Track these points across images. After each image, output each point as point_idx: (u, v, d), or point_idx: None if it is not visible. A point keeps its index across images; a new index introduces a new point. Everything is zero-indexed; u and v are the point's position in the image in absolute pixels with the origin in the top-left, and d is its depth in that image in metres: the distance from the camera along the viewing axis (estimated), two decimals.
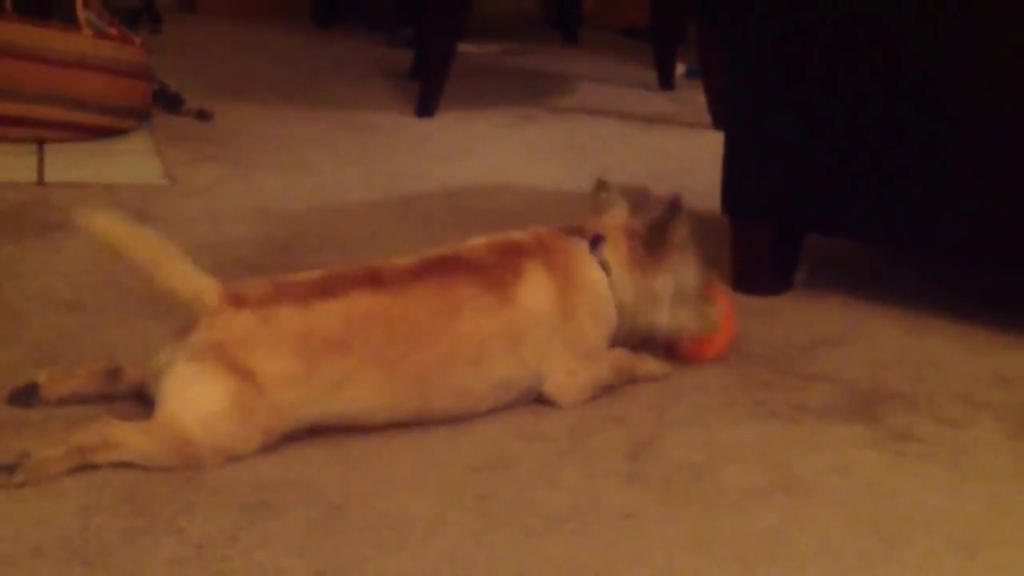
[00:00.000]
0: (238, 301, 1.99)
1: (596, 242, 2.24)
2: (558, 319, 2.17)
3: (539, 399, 2.19)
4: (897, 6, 2.52)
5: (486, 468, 2.01)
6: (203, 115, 3.94)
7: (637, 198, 2.35)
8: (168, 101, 3.96)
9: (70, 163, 3.43)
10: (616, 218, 2.30)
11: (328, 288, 2.04)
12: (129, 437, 1.91)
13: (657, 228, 2.23)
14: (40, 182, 3.26)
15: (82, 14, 3.57)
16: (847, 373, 2.40)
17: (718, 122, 4.13)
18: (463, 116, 4.23)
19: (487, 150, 3.92)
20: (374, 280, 2.08)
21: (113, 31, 3.68)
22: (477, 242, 2.21)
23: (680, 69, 5.00)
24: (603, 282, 2.23)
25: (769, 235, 2.79)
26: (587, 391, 2.20)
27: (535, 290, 2.15)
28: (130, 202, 3.14)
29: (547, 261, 2.19)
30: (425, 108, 4.19)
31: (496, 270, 2.15)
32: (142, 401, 2.04)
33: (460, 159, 3.78)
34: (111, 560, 1.71)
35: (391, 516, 1.85)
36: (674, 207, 2.22)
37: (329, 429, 2.03)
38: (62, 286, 2.59)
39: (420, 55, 4.55)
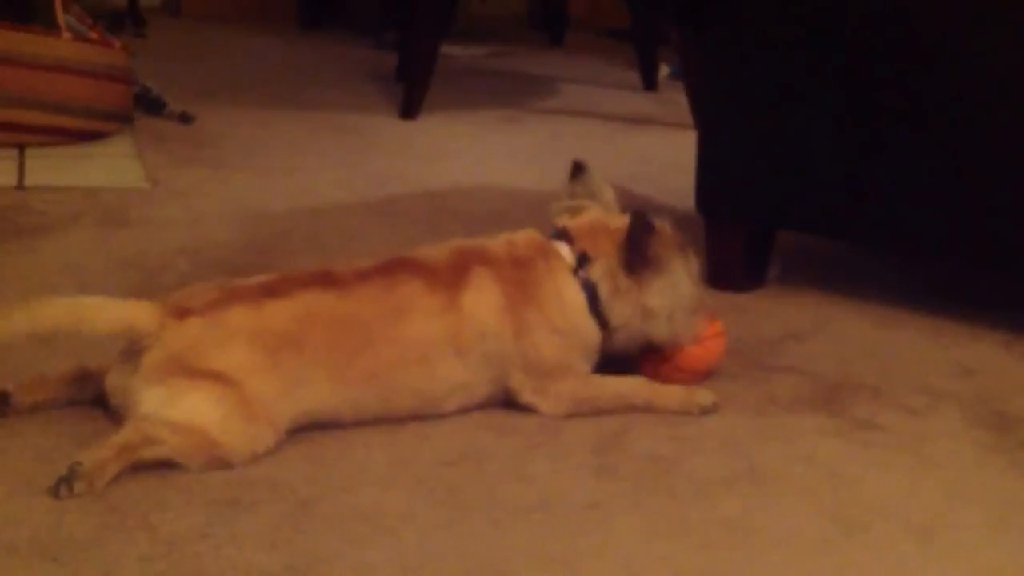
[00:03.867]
0: (181, 312, 2.02)
1: (582, 262, 2.22)
2: (509, 333, 2.16)
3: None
4: (868, 6, 2.56)
5: (457, 462, 2.04)
6: (185, 118, 3.98)
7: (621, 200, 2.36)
8: (150, 104, 4.00)
9: (50, 167, 3.46)
10: (597, 215, 2.28)
11: (278, 289, 2.08)
12: (168, 435, 1.94)
13: (633, 248, 2.20)
14: (19, 186, 3.29)
15: (62, 18, 3.60)
16: (815, 366, 2.44)
17: None
18: (447, 118, 4.28)
19: (470, 152, 3.96)
20: (325, 281, 2.11)
21: (93, 35, 3.71)
22: (443, 246, 2.23)
23: (663, 70, 5.05)
24: (576, 302, 2.20)
25: (741, 233, 2.82)
26: (563, 404, 2.19)
27: (479, 297, 2.15)
28: (111, 206, 3.17)
29: (501, 271, 2.18)
30: (409, 110, 4.23)
31: (445, 274, 2.16)
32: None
33: (443, 160, 3.81)
34: (82, 557, 1.74)
35: (362, 510, 1.89)
36: (642, 224, 2.18)
37: (301, 429, 2.06)
38: (39, 289, 2.60)
39: (404, 57, 4.59)
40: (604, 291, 2.20)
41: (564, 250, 2.23)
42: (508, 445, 2.10)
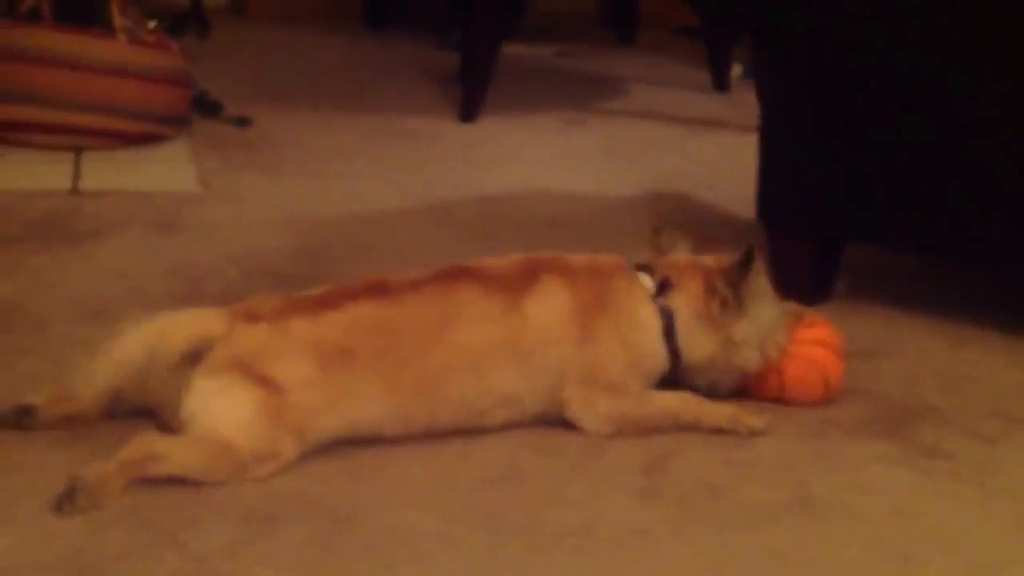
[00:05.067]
0: (251, 317, 1.99)
1: (663, 287, 2.16)
2: (574, 338, 2.09)
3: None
4: (934, 22, 2.45)
5: (497, 483, 1.96)
6: (242, 122, 3.92)
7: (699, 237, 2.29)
8: (207, 107, 3.95)
9: (105, 171, 3.42)
10: (682, 258, 2.22)
11: (334, 300, 2.04)
12: (173, 450, 1.89)
13: (734, 282, 2.14)
14: (74, 190, 3.25)
15: (118, 21, 3.55)
16: (881, 387, 2.34)
17: None
18: (508, 121, 4.19)
19: (529, 156, 3.87)
20: (379, 290, 2.06)
21: (150, 37, 3.66)
22: (511, 257, 2.17)
23: (736, 70, 4.88)
24: (650, 323, 2.14)
25: (806, 245, 2.72)
26: (612, 423, 2.11)
27: (545, 302, 2.09)
28: (163, 210, 3.13)
29: (575, 279, 2.12)
30: (468, 113, 4.15)
31: (508, 281, 2.09)
32: (148, 417, 2.01)
33: (501, 165, 3.73)
34: (109, 574, 1.68)
35: (397, 531, 1.82)
36: (748, 258, 2.14)
37: (340, 443, 1.99)
38: (88, 295, 2.57)
39: (464, 59, 4.50)
40: (682, 321, 2.14)
41: (645, 278, 2.17)
42: (550, 466, 2.02)
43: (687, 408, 2.13)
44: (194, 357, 1.95)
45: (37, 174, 3.35)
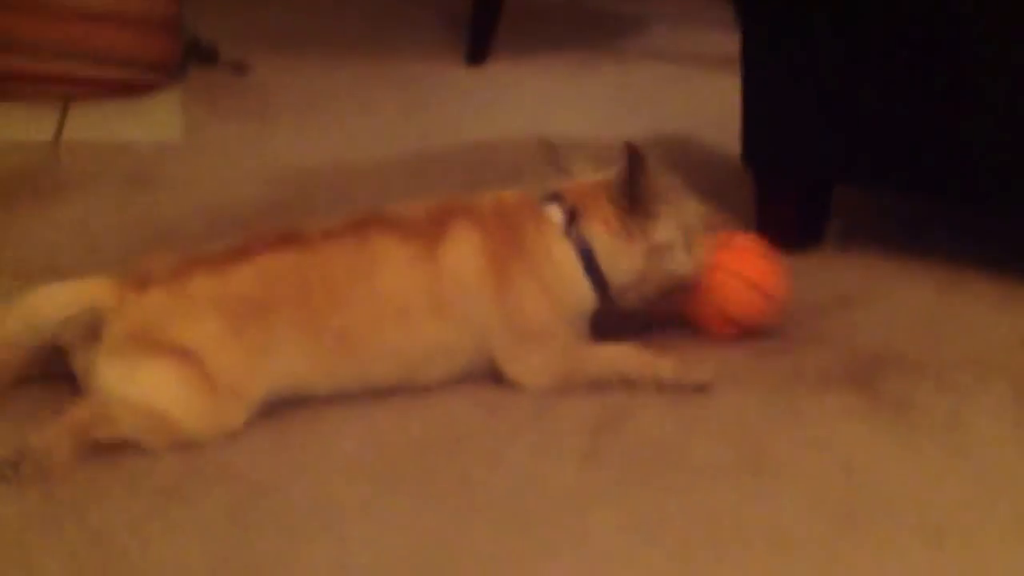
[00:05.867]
0: (141, 283, 1.89)
1: (573, 217, 2.04)
2: (489, 289, 1.99)
3: None
4: None
5: (434, 445, 1.88)
6: (239, 68, 3.82)
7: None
8: (202, 55, 3.85)
9: (90, 122, 3.33)
10: (587, 177, 2.10)
11: (242, 253, 1.94)
12: (123, 413, 1.82)
13: (626, 186, 2.02)
14: (55, 141, 3.17)
15: None
16: (858, 337, 2.22)
17: None
18: (517, 64, 4.05)
19: (535, 100, 3.75)
20: (291, 240, 1.96)
21: None
22: (423, 202, 2.06)
23: None
24: (567, 261, 2.03)
25: (794, 188, 2.59)
26: (545, 376, 2.01)
27: (458, 250, 1.99)
28: (140, 162, 3.05)
29: (484, 224, 2.01)
30: (476, 57, 4.02)
31: (421, 225, 2.00)
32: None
33: (503, 111, 3.61)
34: (3, 551, 1.61)
35: (317, 501, 1.73)
36: (633, 160, 2.01)
37: (272, 408, 1.91)
38: (39, 252, 2.49)
39: None
40: (601, 246, 2.03)
41: (554, 211, 2.05)
42: (494, 426, 1.93)
43: (626, 360, 2.03)
44: (93, 329, 1.86)
45: (18, 126, 3.28)
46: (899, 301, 2.36)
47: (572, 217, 2.03)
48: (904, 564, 1.61)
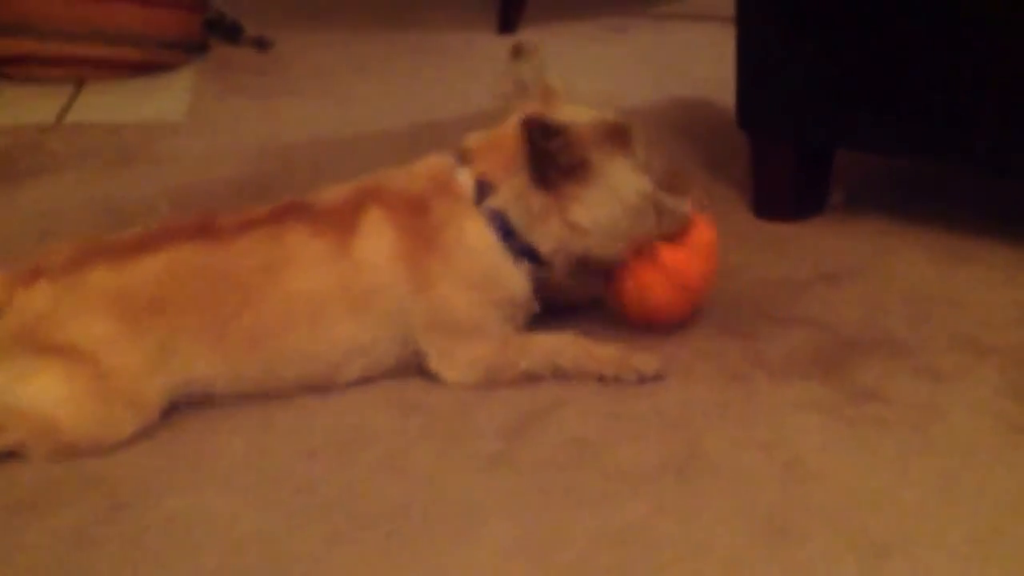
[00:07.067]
0: (30, 277, 1.74)
1: (483, 189, 1.83)
2: (407, 281, 1.80)
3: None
4: None
5: (329, 450, 1.70)
6: (261, 44, 3.67)
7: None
8: (226, 31, 3.71)
9: (99, 102, 3.21)
10: (535, 97, 1.89)
11: (147, 244, 1.78)
12: (6, 419, 1.68)
13: (536, 160, 1.79)
14: (57, 124, 3.05)
15: None
16: (838, 315, 1.99)
17: None
18: (549, 30, 3.84)
19: (562, 67, 3.51)
20: (203, 232, 1.78)
21: None
22: (347, 185, 1.88)
23: None
24: (483, 242, 1.82)
25: (791, 153, 2.36)
26: (475, 372, 1.81)
27: (372, 242, 1.80)
28: (128, 144, 2.91)
29: (396, 209, 1.81)
30: (507, 24, 3.83)
31: (336, 215, 1.81)
32: None
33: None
34: None
35: (182, 516, 1.57)
36: (538, 131, 1.77)
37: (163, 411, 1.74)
38: None
39: None
40: (517, 217, 1.81)
41: (464, 179, 1.83)
42: (404, 427, 1.74)
43: (562, 351, 1.81)
44: None
45: (23, 108, 3.17)
46: (893, 275, 2.12)
47: (482, 189, 1.82)
48: None
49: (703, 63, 3.39)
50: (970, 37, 2.07)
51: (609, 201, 1.81)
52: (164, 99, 3.27)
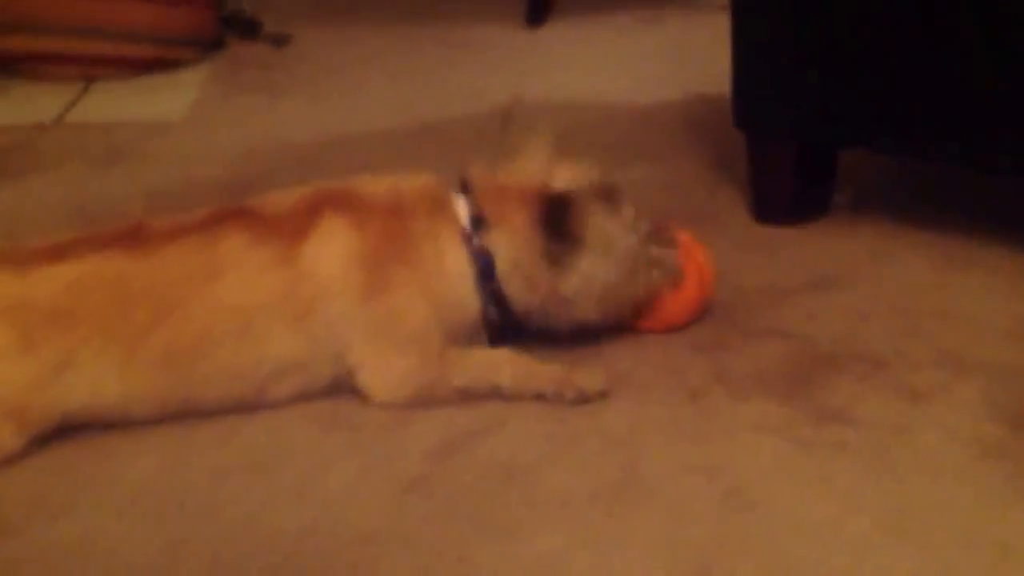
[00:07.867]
0: None
1: (477, 224, 1.71)
2: (358, 292, 1.67)
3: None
4: None
5: (239, 471, 1.57)
6: (279, 40, 3.57)
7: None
8: (244, 27, 3.61)
9: (104, 101, 3.14)
10: (515, 176, 1.75)
11: (64, 251, 1.65)
12: None
13: (554, 238, 1.69)
14: (56, 123, 2.97)
15: None
16: (818, 326, 1.84)
17: None
18: (578, 23, 3.71)
19: (590, 61, 3.40)
20: (128, 239, 1.66)
21: None
22: (297, 190, 1.75)
23: None
24: (459, 272, 1.71)
25: (791, 153, 2.20)
26: (406, 389, 1.68)
27: (325, 249, 1.67)
28: (118, 143, 2.81)
29: (366, 218, 1.69)
30: (535, 17, 3.69)
31: (284, 221, 1.68)
32: None
33: (552, 73, 3.27)
34: None
35: (57, 546, 1.45)
36: (556, 208, 1.68)
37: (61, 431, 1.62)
38: None
39: None
40: (506, 270, 1.71)
41: (461, 207, 1.72)
42: (325, 446, 1.62)
43: (499, 369, 1.67)
44: None
45: (29, 107, 3.10)
46: (886, 282, 1.96)
47: (478, 223, 1.70)
48: None
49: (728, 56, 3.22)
50: (971, 34, 1.90)
51: (603, 267, 1.71)
52: (168, 97, 3.19)
